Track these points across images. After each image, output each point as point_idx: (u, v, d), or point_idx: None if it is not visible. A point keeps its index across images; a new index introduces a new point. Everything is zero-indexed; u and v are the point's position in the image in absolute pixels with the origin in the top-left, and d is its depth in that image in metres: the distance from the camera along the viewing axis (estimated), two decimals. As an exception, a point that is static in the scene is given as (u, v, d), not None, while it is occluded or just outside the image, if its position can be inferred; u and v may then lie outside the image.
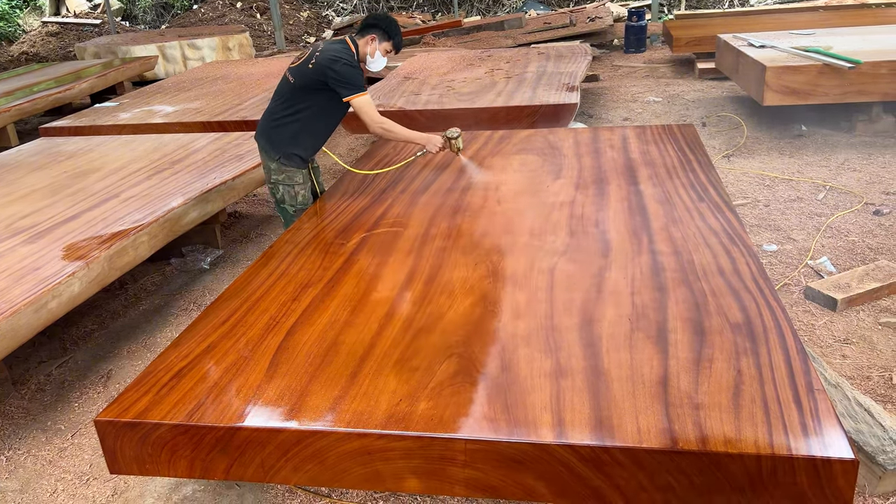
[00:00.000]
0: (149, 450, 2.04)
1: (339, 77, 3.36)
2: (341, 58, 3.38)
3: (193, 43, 10.05)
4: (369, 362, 2.16)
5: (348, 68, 3.38)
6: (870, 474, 2.32)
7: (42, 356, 3.61)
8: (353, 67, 3.41)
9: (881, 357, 3.02)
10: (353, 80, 3.38)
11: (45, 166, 4.69)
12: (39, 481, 2.73)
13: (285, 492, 2.54)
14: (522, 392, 1.97)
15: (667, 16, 12.31)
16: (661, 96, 7.44)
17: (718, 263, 2.61)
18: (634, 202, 3.26)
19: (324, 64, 3.37)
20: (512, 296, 2.50)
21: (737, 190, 4.88)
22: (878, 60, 5.28)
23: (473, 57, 7.70)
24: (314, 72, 3.39)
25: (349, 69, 3.38)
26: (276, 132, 3.54)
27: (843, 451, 1.67)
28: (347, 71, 3.37)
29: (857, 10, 9.23)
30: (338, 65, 3.36)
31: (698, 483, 1.74)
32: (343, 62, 3.38)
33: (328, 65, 3.36)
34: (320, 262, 2.90)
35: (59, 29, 14.51)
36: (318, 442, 1.91)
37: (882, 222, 4.21)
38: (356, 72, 3.41)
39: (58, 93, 7.35)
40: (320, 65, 3.38)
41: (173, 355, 2.30)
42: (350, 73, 3.38)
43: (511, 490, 1.86)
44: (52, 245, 3.32)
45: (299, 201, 3.61)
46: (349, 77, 3.37)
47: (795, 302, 3.48)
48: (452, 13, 14.29)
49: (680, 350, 2.10)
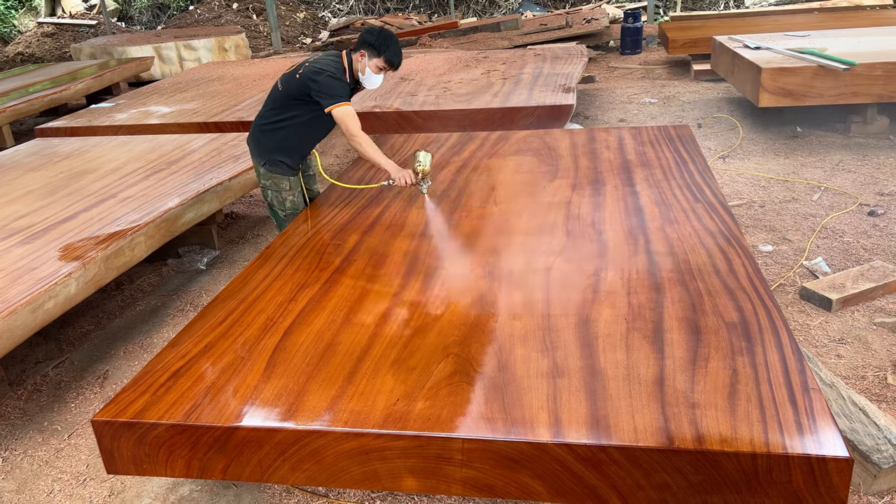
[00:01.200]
0: (146, 450, 2.04)
1: (320, 88, 3.36)
2: (325, 70, 3.39)
3: (190, 44, 10.04)
4: (366, 362, 2.17)
5: (330, 80, 3.37)
6: (864, 473, 2.33)
7: (38, 357, 3.60)
8: (336, 79, 3.39)
9: (876, 357, 3.03)
10: (334, 91, 3.37)
11: (42, 167, 4.69)
12: (36, 482, 2.73)
13: (282, 492, 2.54)
14: (519, 391, 1.98)
15: (663, 17, 12.34)
16: (657, 98, 7.46)
17: (714, 263, 2.62)
18: (631, 203, 3.27)
19: (307, 75, 3.40)
20: (509, 296, 2.50)
21: (732, 191, 4.89)
22: (873, 62, 5.30)
23: (470, 58, 7.71)
24: (299, 82, 3.42)
25: (331, 80, 3.37)
26: (263, 137, 3.56)
27: (837, 450, 1.68)
28: (329, 82, 3.37)
29: (851, 12, 9.27)
30: (321, 76, 3.37)
31: (694, 481, 1.75)
32: (326, 74, 3.38)
33: (311, 76, 3.38)
34: (317, 262, 2.90)
35: (55, 30, 14.48)
36: (316, 441, 1.92)
37: (876, 223, 4.23)
38: (338, 83, 3.39)
39: (54, 93, 7.34)
40: (304, 76, 3.41)
41: (170, 355, 2.31)
42: (331, 85, 3.37)
43: (508, 489, 1.86)
44: (48, 245, 3.32)
45: (287, 207, 3.61)
46: (330, 88, 3.36)
47: (791, 302, 3.49)
48: (449, 14, 14.30)
49: (676, 350, 2.11)
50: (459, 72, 6.91)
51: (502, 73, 6.63)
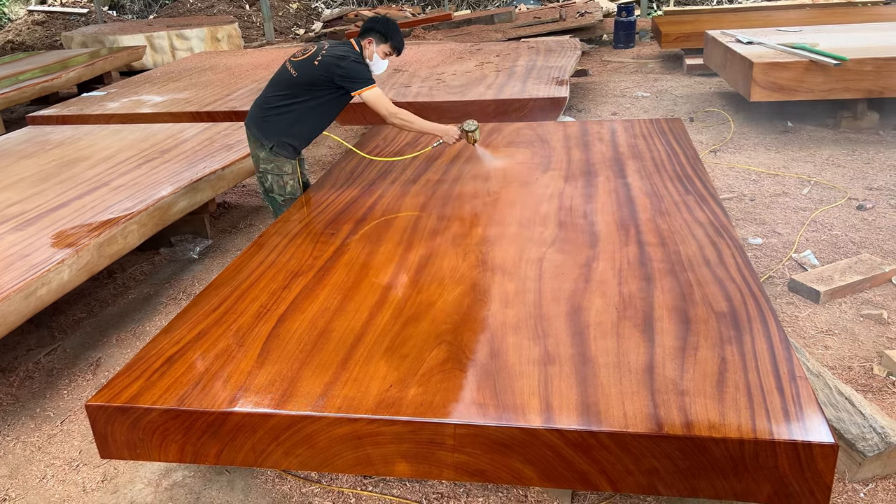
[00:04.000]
0: (140, 434, 2.05)
1: (346, 73, 3.45)
2: (348, 55, 3.49)
3: (182, 33, 9.98)
4: (360, 349, 2.19)
5: (355, 64, 3.49)
6: (850, 461, 2.37)
7: (31, 344, 3.60)
8: (362, 64, 3.53)
9: (862, 348, 3.07)
10: (362, 75, 3.48)
11: (34, 154, 4.67)
12: (29, 467, 2.74)
13: (275, 477, 2.56)
14: (511, 378, 2.00)
15: (656, 12, 12.36)
16: (650, 91, 7.48)
17: (704, 254, 2.64)
18: (622, 194, 3.29)
19: (331, 62, 3.46)
20: (501, 285, 2.52)
21: (723, 184, 4.93)
22: (863, 58, 5.34)
23: (463, 50, 7.71)
24: (320, 69, 3.47)
25: (356, 65, 3.49)
26: (270, 120, 3.56)
27: (823, 436, 1.71)
28: (355, 66, 3.48)
29: (843, 7, 9.32)
30: (345, 61, 3.46)
31: (683, 467, 1.78)
32: (350, 59, 3.48)
33: (336, 62, 3.46)
34: (311, 250, 2.91)
35: (46, 18, 14.36)
36: (309, 426, 1.93)
37: (865, 217, 4.27)
38: (363, 67, 3.52)
39: (44, 81, 7.29)
40: (327, 63, 3.46)
41: (164, 341, 2.32)
42: (358, 69, 3.48)
43: (499, 474, 1.89)
44: (41, 233, 3.31)
45: (288, 191, 3.63)
46: (357, 72, 3.47)
47: (780, 294, 3.53)
48: (442, 6, 14.27)
49: (666, 338, 2.13)
50: (453, 64, 6.91)
51: (496, 65, 6.63)
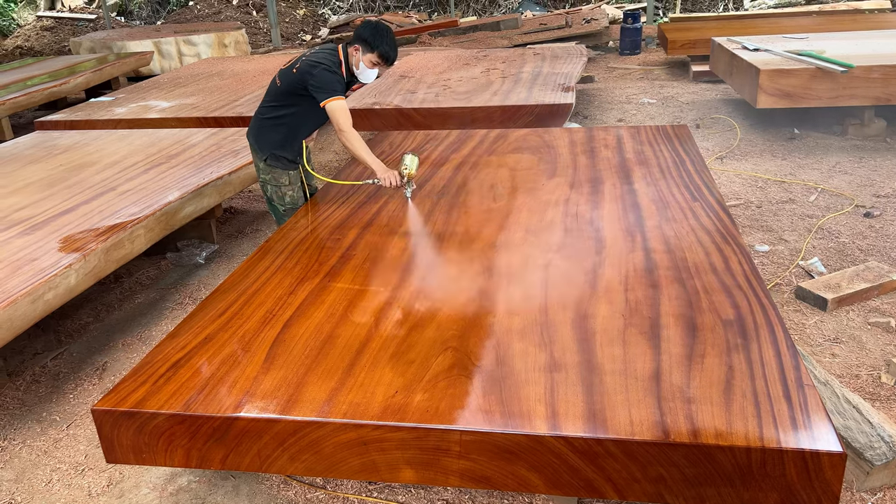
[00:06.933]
0: (145, 439, 2.05)
1: (315, 82, 3.37)
2: (321, 63, 3.40)
3: (189, 39, 10.03)
4: (365, 355, 2.18)
5: (326, 73, 3.38)
6: (858, 470, 2.35)
7: (37, 348, 3.61)
8: (332, 73, 3.40)
9: (870, 356, 3.06)
10: (329, 85, 3.37)
11: (42, 159, 4.69)
12: (34, 471, 2.74)
13: (280, 483, 2.56)
14: (517, 385, 2.00)
15: (662, 19, 12.37)
16: (656, 98, 7.48)
17: (711, 262, 2.64)
18: (628, 201, 3.29)
19: (304, 69, 3.41)
20: (507, 292, 2.52)
21: (729, 191, 4.92)
22: (870, 65, 5.33)
23: (469, 56, 7.72)
24: (297, 77, 3.43)
25: (327, 74, 3.38)
26: (263, 133, 3.57)
27: (831, 445, 1.70)
28: (324, 75, 3.37)
29: (850, 15, 9.31)
30: (317, 69, 3.38)
31: (689, 475, 1.77)
32: (322, 67, 3.38)
33: (308, 70, 3.40)
34: (316, 257, 2.91)
35: (54, 23, 14.46)
36: (315, 432, 1.93)
37: (872, 224, 4.26)
38: (334, 77, 3.40)
39: (53, 87, 7.34)
40: (302, 70, 3.42)
41: (170, 346, 2.32)
42: (326, 78, 3.37)
43: (505, 481, 1.88)
44: (48, 237, 3.33)
45: (287, 201, 3.63)
46: (324, 81, 3.37)
47: (786, 301, 3.52)
48: (449, 13, 14.31)
49: (672, 345, 2.13)
50: (459, 70, 6.92)
51: (502, 71, 6.64)
